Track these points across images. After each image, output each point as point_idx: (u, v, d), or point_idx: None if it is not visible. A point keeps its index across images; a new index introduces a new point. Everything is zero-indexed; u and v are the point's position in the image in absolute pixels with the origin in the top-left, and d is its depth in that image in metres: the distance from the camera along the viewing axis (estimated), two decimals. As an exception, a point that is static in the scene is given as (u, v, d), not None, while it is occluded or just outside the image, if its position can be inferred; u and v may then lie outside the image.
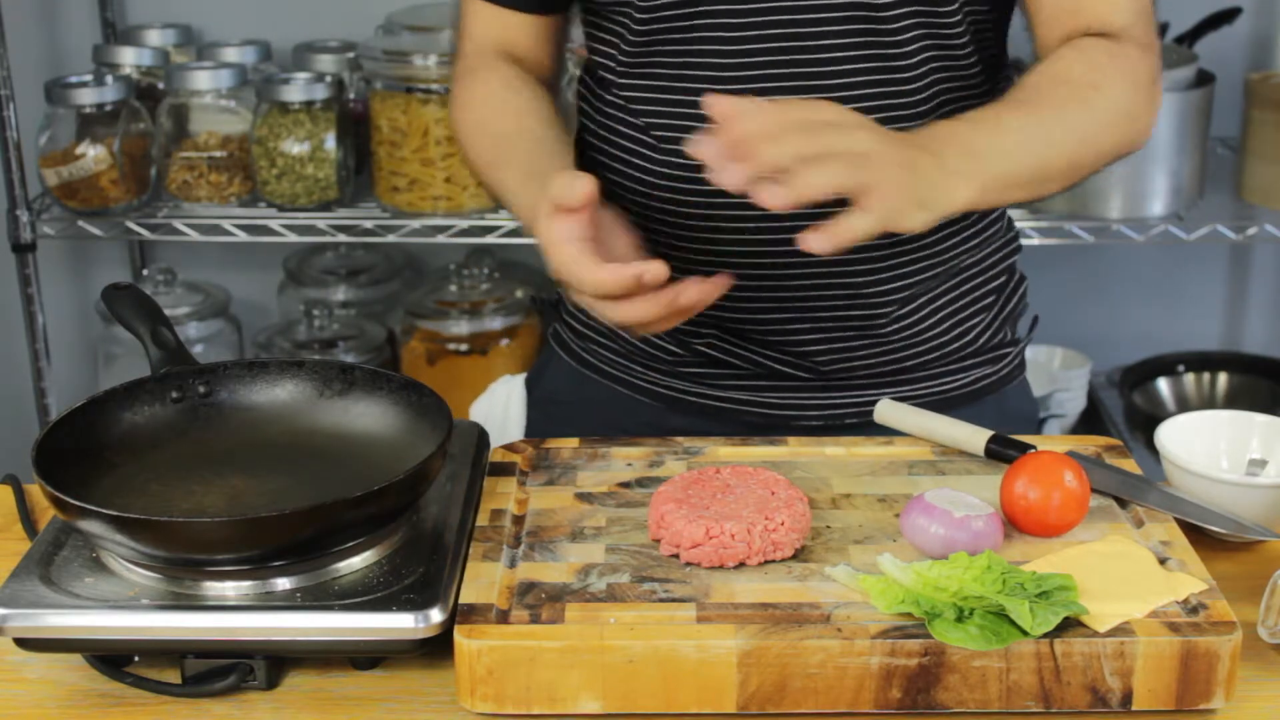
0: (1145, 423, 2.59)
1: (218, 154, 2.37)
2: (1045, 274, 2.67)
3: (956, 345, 1.50)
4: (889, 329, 1.46)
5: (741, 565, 1.15)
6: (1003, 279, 1.53)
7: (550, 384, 1.61)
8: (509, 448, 1.34)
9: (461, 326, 2.56)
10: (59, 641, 1.10)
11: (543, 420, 1.61)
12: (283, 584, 1.12)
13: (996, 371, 1.53)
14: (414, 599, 1.09)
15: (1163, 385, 2.78)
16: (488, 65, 1.48)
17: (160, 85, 2.47)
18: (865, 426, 1.45)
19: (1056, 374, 2.69)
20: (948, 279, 1.48)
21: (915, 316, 1.47)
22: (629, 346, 1.52)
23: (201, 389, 1.29)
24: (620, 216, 1.31)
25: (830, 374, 1.47)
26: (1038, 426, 1.62)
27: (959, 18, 1.38)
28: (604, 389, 1.55)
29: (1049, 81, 1.30)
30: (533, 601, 1.11)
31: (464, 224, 2.36)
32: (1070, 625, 1.07)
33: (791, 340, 1.46)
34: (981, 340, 1.52)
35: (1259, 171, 2.46)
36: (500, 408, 1.63)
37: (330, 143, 2.33)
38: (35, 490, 1.35)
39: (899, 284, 1.44)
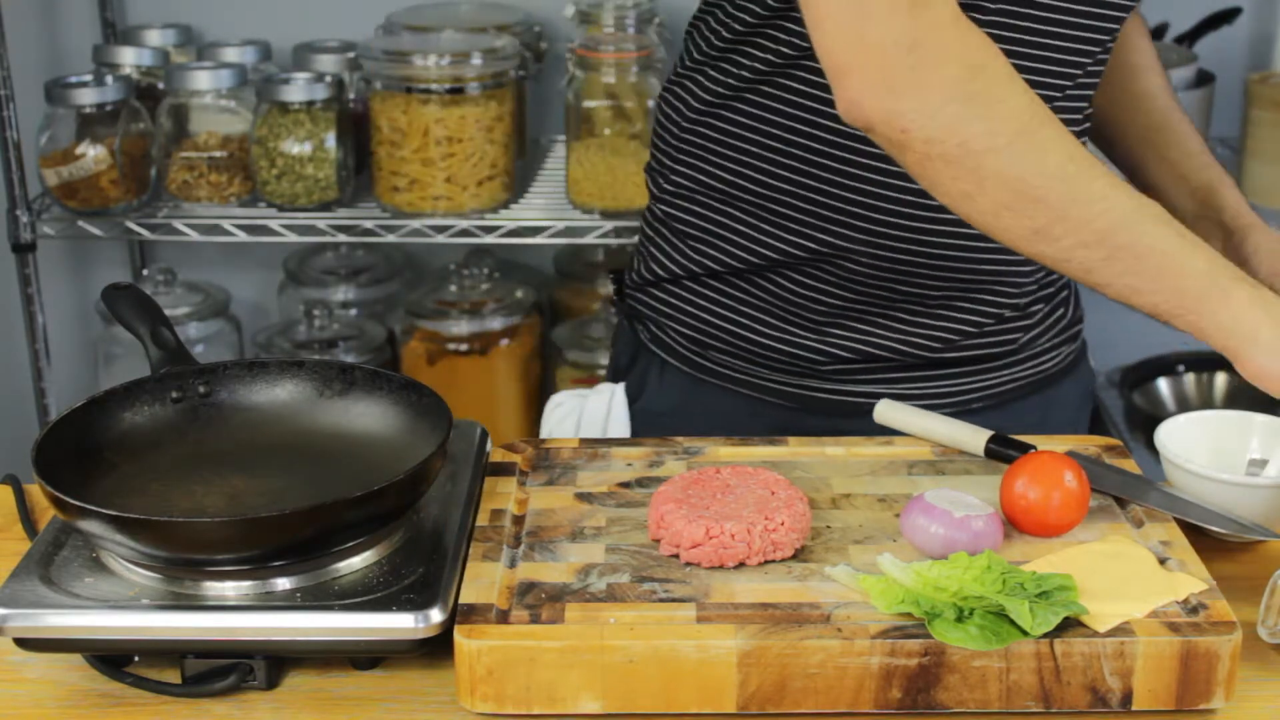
0: (1145, 423, 2.59)
1: (218, 154, 2.36)
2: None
3: (1052, 319, 1.56)
4: (1023, 306, 1.51)
5: (741, 565, 1.15)
6: None
7: (658, 396, 1.55)
8: (509, 448, 1.33)
9: (461, 326, 2.56)
10: (59, 641, 1.10)
11: (653, 434, 1.50)
12: (283, 584, 1.12)
13: (1075, 349, 1.61)
14: (414, 599, 1.09)
15: (1163, 385, 2.77)
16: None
17: (160, 85, 2.46)
18: (962, 416, 1.44)
19: (1056, 374, 2.68)
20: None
21: (1031, 297, 1.52)
22: (761, 352, 1.50)
23: (201, 389, 1.29)
24: None
25: (964, 358, 1.50)
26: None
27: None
28: (726, 395, 1.52)
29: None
30: (533, 601, 1.11)
31: (464, 224, 2.36)
32: (1070, 625, 1.07)
33: (936, 318, 1.47)
34: (1069, 315, 1.59)
35: (1259, 171, 2.46)
36: (600, 419, 1.56)
37: (330, 143, 2.33)
38: (35, 490, 1.35)
39: (1032, 266, 1.49)
